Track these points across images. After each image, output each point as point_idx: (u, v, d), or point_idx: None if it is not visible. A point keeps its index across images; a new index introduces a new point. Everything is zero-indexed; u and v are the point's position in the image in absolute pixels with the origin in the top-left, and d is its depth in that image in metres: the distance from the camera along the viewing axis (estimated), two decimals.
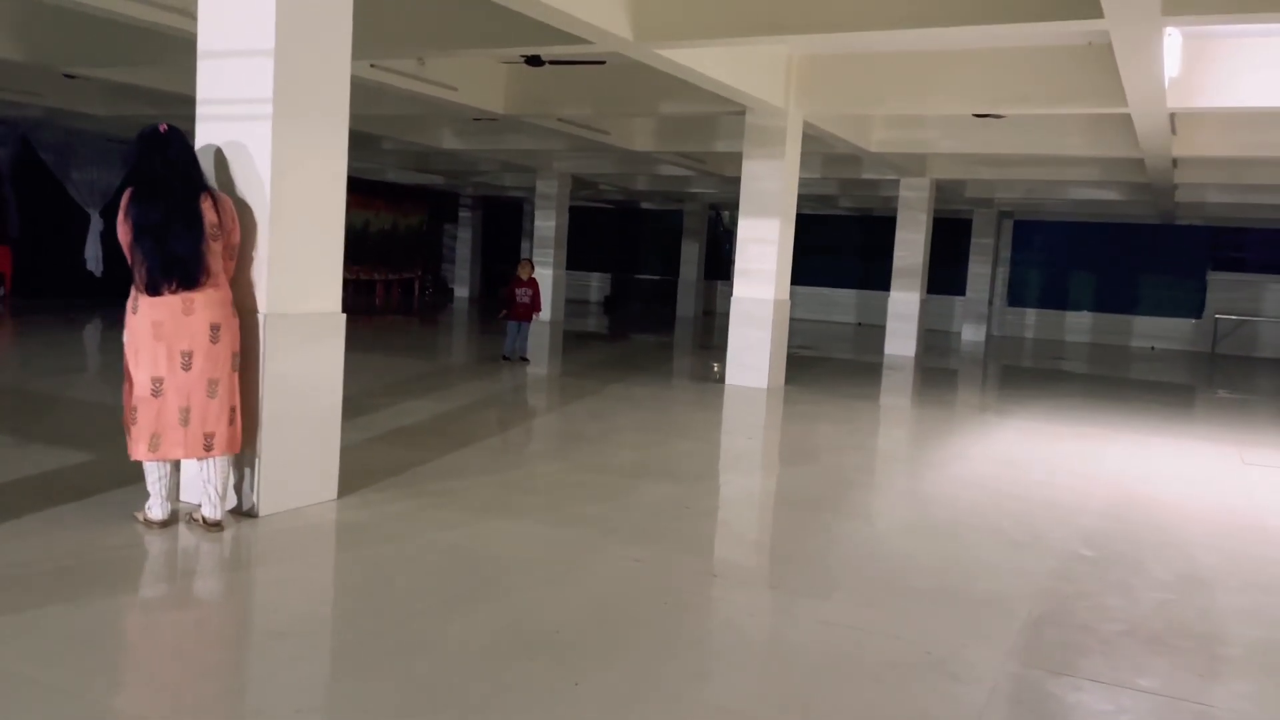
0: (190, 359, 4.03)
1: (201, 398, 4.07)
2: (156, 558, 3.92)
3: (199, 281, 4.02)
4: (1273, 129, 9.75)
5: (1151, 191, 14.53)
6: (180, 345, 4.02)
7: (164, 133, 4.08)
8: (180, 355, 4.02)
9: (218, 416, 4.11)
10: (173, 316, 4.01)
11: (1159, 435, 8.50)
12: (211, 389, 4.09)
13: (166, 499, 4.15)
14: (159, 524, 4.13)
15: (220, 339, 4.09)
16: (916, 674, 3.12)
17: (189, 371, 4.03)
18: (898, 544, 4.80)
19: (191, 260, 3.99)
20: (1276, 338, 19.34)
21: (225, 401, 4.13)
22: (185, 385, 4.04)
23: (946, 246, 19.50)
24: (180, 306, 4.01)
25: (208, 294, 4.05)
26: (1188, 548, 4.86)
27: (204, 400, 4.07)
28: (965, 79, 8.74)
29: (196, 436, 4.07)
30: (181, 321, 4.01)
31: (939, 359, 15.32)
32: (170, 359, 4.02)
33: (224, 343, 4.11)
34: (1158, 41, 5.98)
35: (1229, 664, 3.35)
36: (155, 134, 4.08)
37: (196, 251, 4.00)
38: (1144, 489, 6.23)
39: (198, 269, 4.01)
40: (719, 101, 9.28)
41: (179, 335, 4.01)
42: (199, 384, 4.06)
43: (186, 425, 4.05)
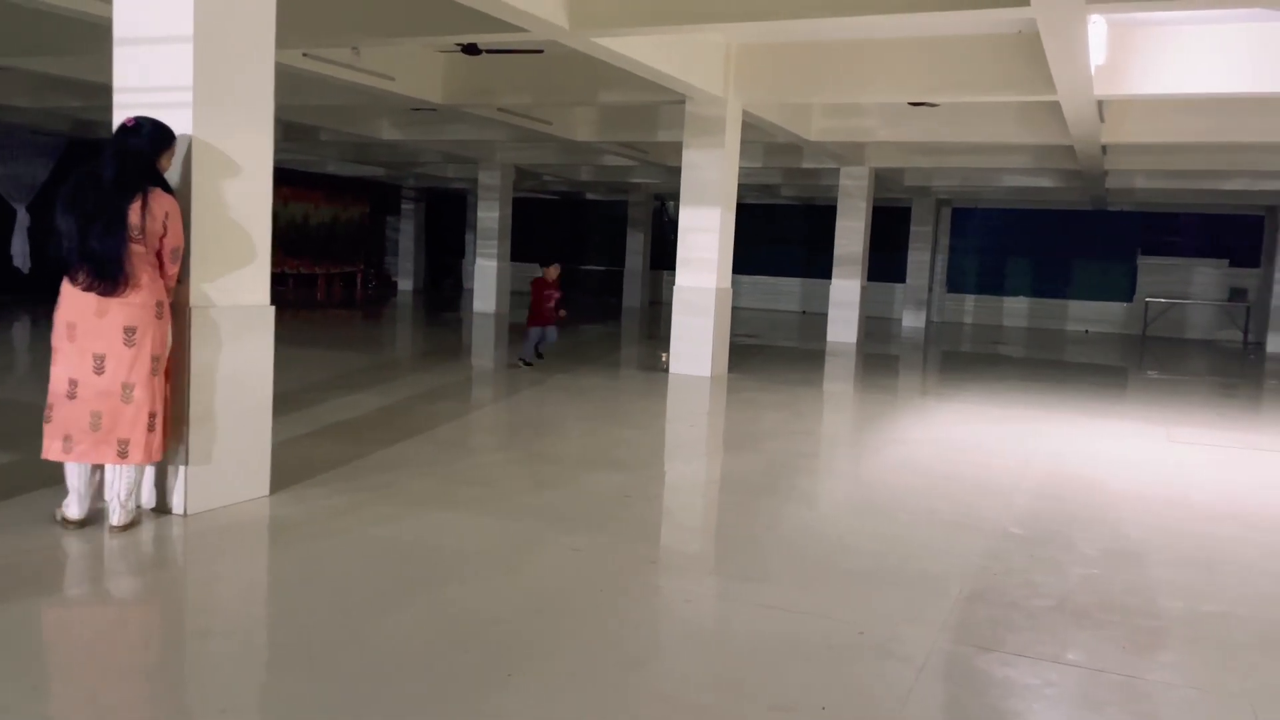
0: (103, 362, 3.90)
1: (115, 403, 3.92)
2: (78, 559, 3.81)
3: (116, 283, 3.87)
4: (1197, 115, 10.02)
5: (1083, 178, 14.87)
6: (93, 348, 3.90)
7: (129, 126, 3.97)
8: (93, 358, 3.90)
9: (133, 423, 3.95)
10: (85, 319, 3.89)
11: (1091, 416, 8.71)
12: (126, 394, 3.94)
13: (86, 497, 4.03)
14: (75, 523, 4.01)
15: (136, 342, 3.92)
16: (851, 654, 3.16)
17: (101, 375, 3.90)
18: (837, 526, 4.86)
19: (109, 261, 3.85)
20: (1204, 320, 19.93)
21: (143, 407, 3.96)
22: (98, 389, 3.91)
23: (887, 234, 19.74)
24: (94, 308, 3.89)
25: (125, 298, 3.89)
26: (1116, 524, 4.98)
27: (117, 405, 3.92)
28: (900, 68, 8.84)
29: (109, 442, 3.93)
30: (94, 324, 3.89)
31: (880, 345, 15.53)
32: (82, 361, 3.90)
33: (141, 346, 3.93)
34: (1083, 29, 6.11)
35: (1154, 636, 3.45)
36: (122, 126, 3.99)
37: (116, 254, 3.85)
38: (1075, 468, 6.37)
39: (115, 271, 3.86)
40: (659, 91, 9.28)
41: (91, 337, 3.89)
42: (112, 388, 3.92)
43: (98, 430, 3.92)
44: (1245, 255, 19.62)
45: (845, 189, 15.36)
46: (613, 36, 7.06)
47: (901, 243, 20.75)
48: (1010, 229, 21.60)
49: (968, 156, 13.88)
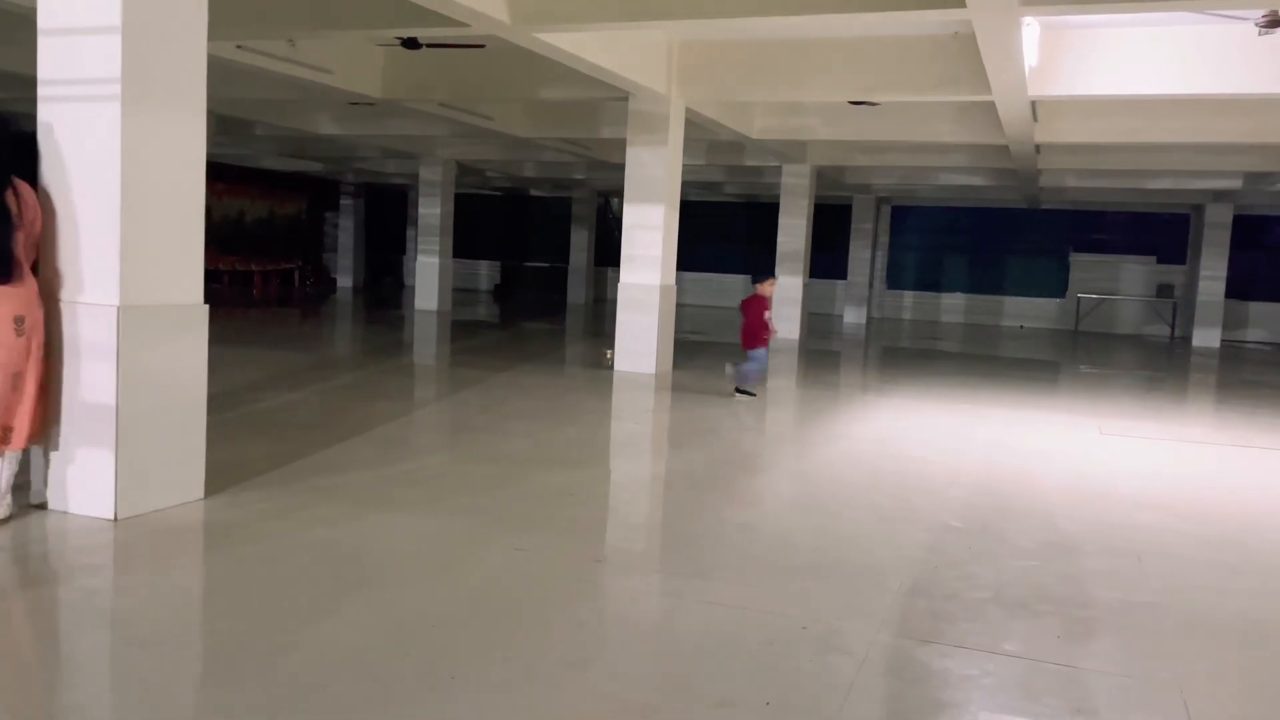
0: None
1: (4, 391, 3.95)
2: None
3: (8, 274, 3.90)
4: (1126, 116, 10.30)
5: (1017, 177, 15.19)
6: None
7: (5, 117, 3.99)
8: None
9: (20, 410, 4.01)
10: None
11: (1026, 409, 8.90)
12: (15, 382, 3.97)
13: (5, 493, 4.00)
14: None
15: (25, 331, 3.97)
16: (793, 649, 3.18)
17: None
18: (780, 522, 4.89)
19: None
20: (1133, 315, 20.53)
21: (30, 394, 4.03)
22: None
23: (828, 231, 19.97)
24: None
25: (14, 287, 3.93)
26: (1050, 516, 5.10)
27: (6, 393, 3.96)
28: (840, 67, 8.94)
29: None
30: None
31: (822, 341, 15.70)
32: None
33: (30, 335, 3.99)
34: (1017, 31, 6.23)
35: (1088, 625, 3.53)
36: None
37: (4, 243, 3.88)
38: (1011, 461, 6.51)
39: (6, 262, 3.89)
40: (602, 87, 9.25)
41: None
42: (2, 377, 3.93)
43: None
44: (1172, 252, 20.24)
45: (787, 186, 15.50)
46: (555, 32, 7.02)
47: (843, 240, 21.01)
48: (948, 226, 22.00)
49: (906, 155, 14.10)
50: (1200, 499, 5.67)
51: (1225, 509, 5.44)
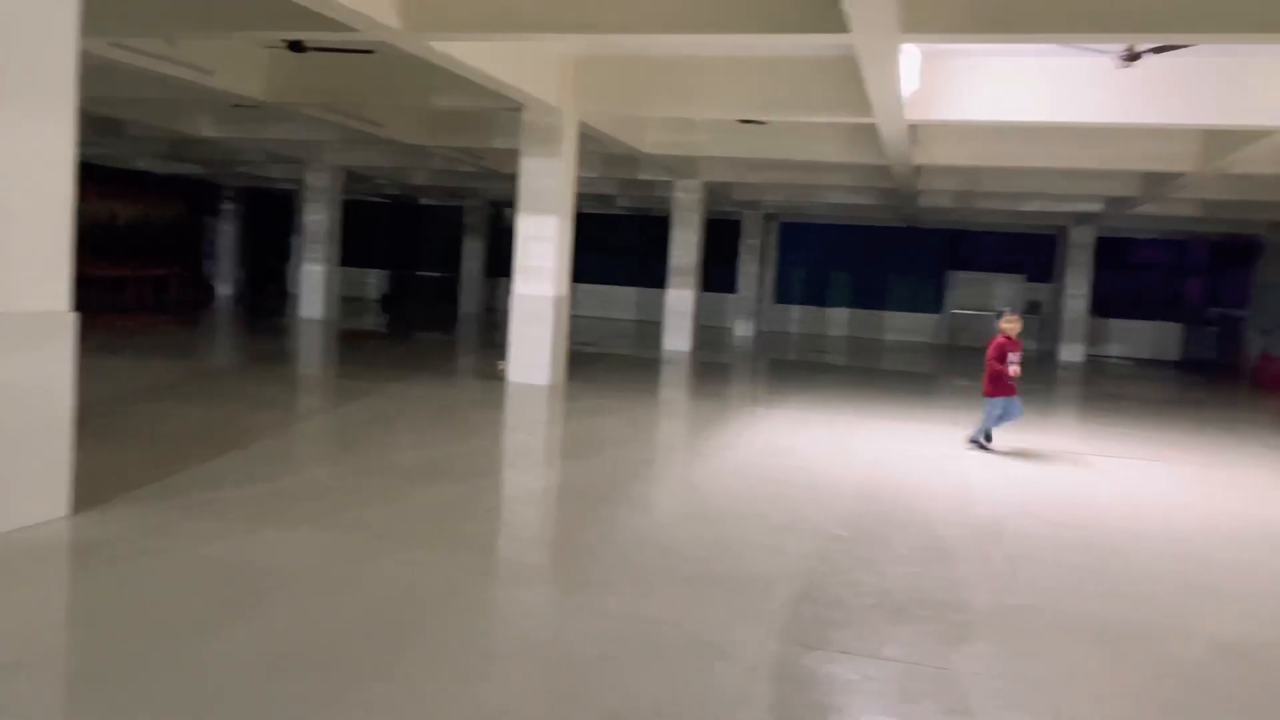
0: None
1: None
2: None
3: None
4: (1000, 141, 10.81)
5: (898, 196, 15.77)
6: None
7: None
8: None
9: None
10: None
11: (906, 421, 9.23)
12: None
13: None
14: None
15: None
16: (684, 658, 3.23)
17: None
18: (672, 532, 4.95)
19: None
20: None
21: None
22: None
23: (719, 246, 20.30)
24: None
25: None
26: (929, 524, 5.30)
27: None
28: (730, 86, 9.12)
29: None
30: None
31: (713, 354, 15.94)
32: None
33: None
34: (896, 57, 6.49)
35: (965, 629, 3.69)
36: None
37: None
38: (893, 471, 6.74)
39: None
40: (495, 97, 9.20)
41: None
42: None
43: None
44: (1040, 270, 21.32)
45: (679, 201, 15.71)
46: (447, 41, 6.95)
47: (733, 254, 21.40)
48: (833, 243, 22.68)
49: (794, 173, 14.46)
50: (1065, 505, 5.98)
51: (1091, 515, 5.76)
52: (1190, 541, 5.26)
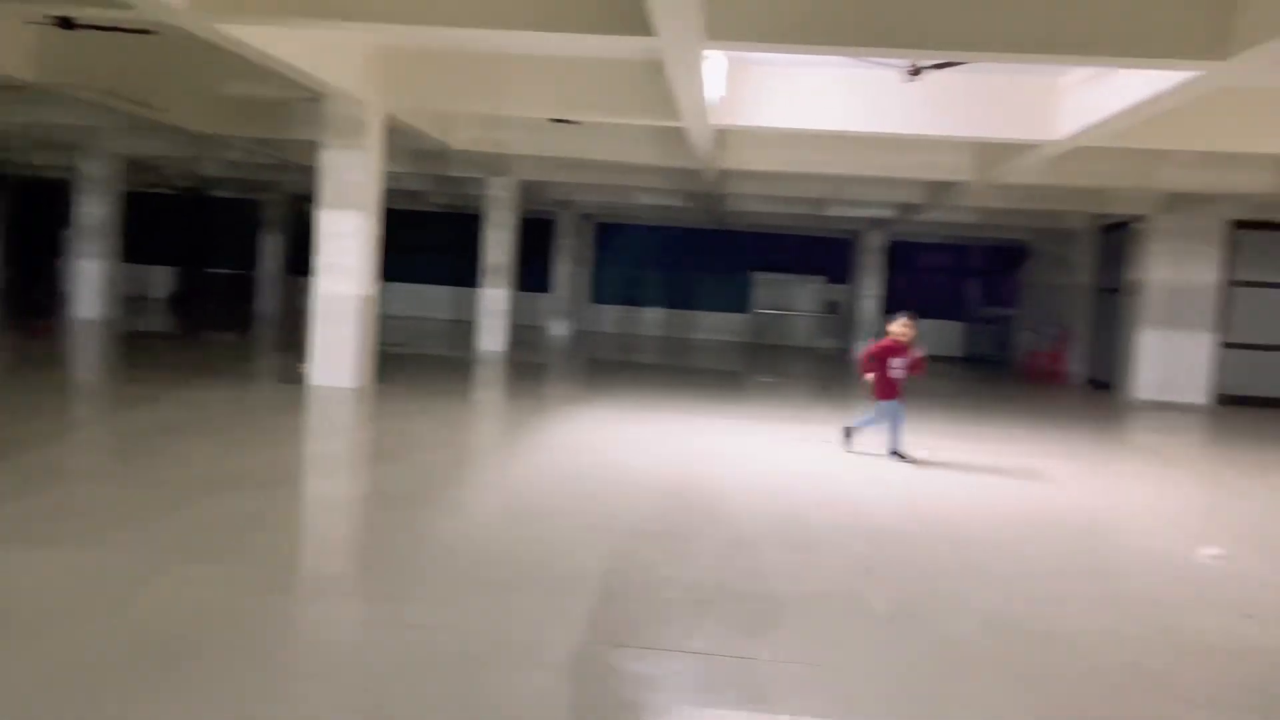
0: None
1: None
2: None
3: None
4: (800, 148, 11.29)
5: (707, 199, 16.22)
6: None
7: None
8: None
9: None
10: None
11: (714, 417, 9.49)
12: None
13: None
14: None
15: None
16: (490, 663, 3.16)
17: None
18: (483, 536, 4.85)
19: None
20: (806, 329, 22.60)
21: None
22: None
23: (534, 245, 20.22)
24: None
25: None
26: (734, 517, 5.45)
27: None
28: (540, 85, 9.08)
29: None
30: None
31: (528, 354, 15.85)
32: None
33: None
34: (701, 63, 6.64)
35: (769, 618, 3.80)
36: None
37: None
38: (701, 466, 6.89)
39: None
40: (294, 86, 8.76)
41: None
42: None
43: None
44: (838, 273, 22.51)
45: (492, 199, 15.51)
46: (238, 25, 6.54)
47: (549, 254, 21.37)
48: (648, 244, 23.09)
49: (606, 174, 14.58)
50: (860, 493, 6.30)
51: (883, 503, 6.09)
52: (970, 525, 5.65)
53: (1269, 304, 13.63)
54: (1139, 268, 14.09)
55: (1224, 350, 13.75)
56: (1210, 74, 6.01)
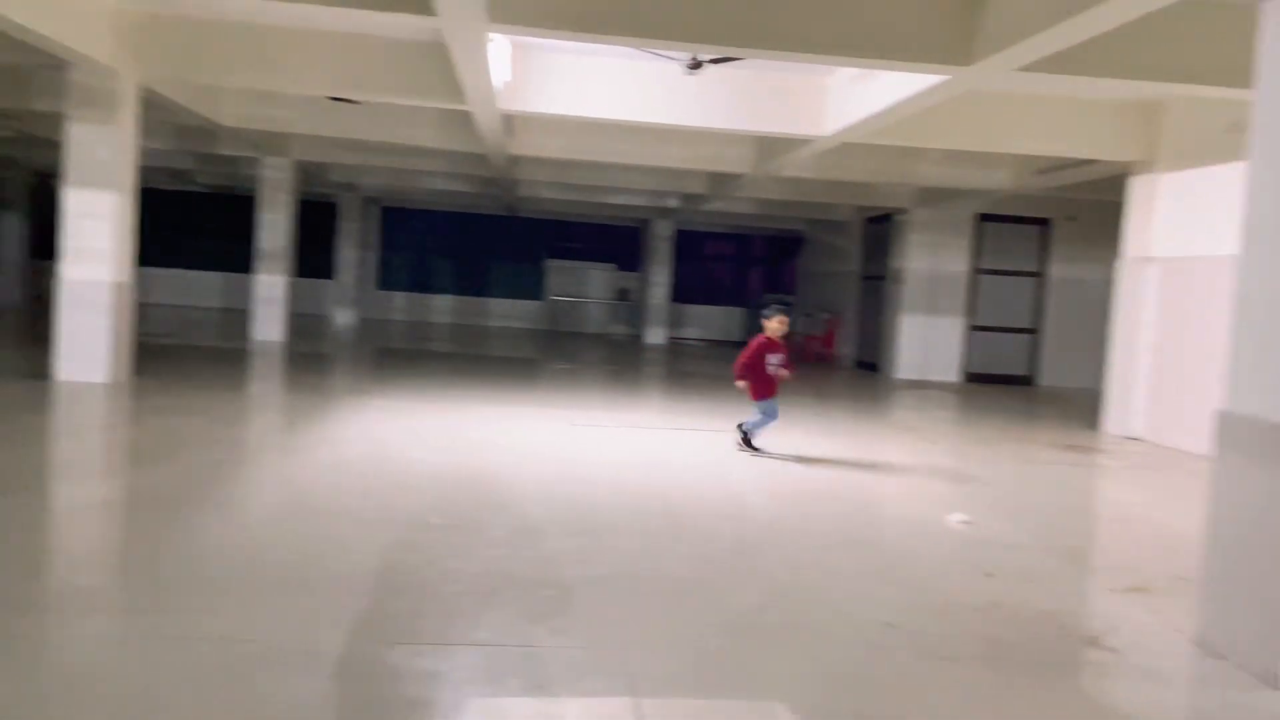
0: None
1: None
2: None
3: None
4: (588, 136, 11.37)
5: (497, 185, 16.05)
6: None
7: None
8: None
9: None
10: None
11: (506, 406, 9.42)
12: None
13: None
14: None
15: None
16: (259, 673, 3.00)
17: None
18: (256, 537, 4.59)
19: None
20: (599, 316, 22.87)
21: None
22: None
23: (315, 229, 19.33)
24: None
25: None
26: (523, 505, 5.44)
27: None
28: (317, 61, 8.66)
29: None
30: None
31: (310, 344, 15.15)
32: None
33: None
34: (484, 45, 6.55)
35: (551, 605, 3.81)
36: None
37: None
38: (491, 456, 6.83)
39: None
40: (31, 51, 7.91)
41: None
42: None
43: None
44: (629, 261, 22.92)
45: (267, 180, 14.68)
46: None
47: (331, 238, 20.48)
48: (437, 229, 22.59)
49: (391, 157, 14.13)
50: (649, 478, 6.45)
51: (669, 484, 6.25)
52: (742, 502, 5.91)
53: (1007, 290, 15.06)
54: (900, 257, 15.20)
55: (971, 333, 15.08)
56: (956, 78, 6.54)
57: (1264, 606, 3.43)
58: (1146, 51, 6.59)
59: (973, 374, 14.98)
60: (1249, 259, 3.68)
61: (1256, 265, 3.65)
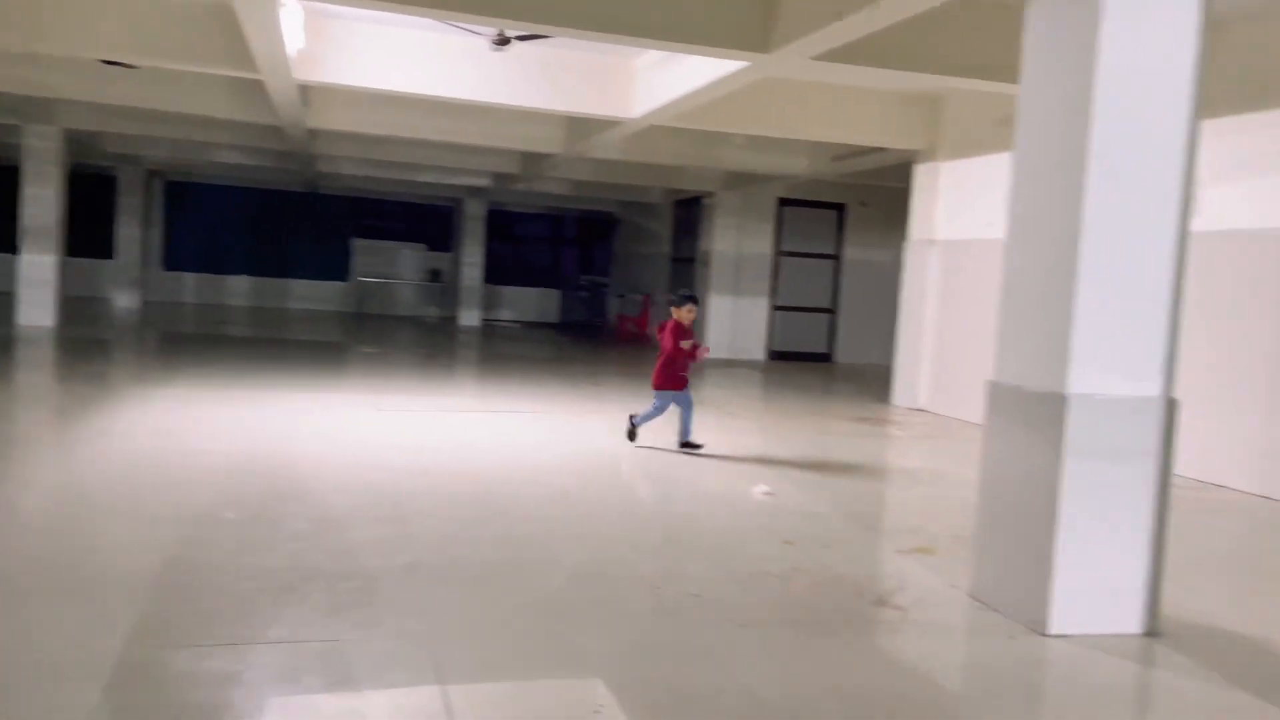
0: None
1: None
2: None
3: None
4: (391, 110, 10.96)
5: (296, 160, 15.27)
6: None
7: None
8: None
9: None
10: None
11: (310, 392, 9.02)
12: None
13: None
14: None
15: None
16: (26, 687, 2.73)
17: None
18: (19, 539, 4.18)
19: None
20: (410, 298, 22.25)
21: None
22: None
23: (91, 205, 17.77)
24: None
25: None
26: (325, 495, 5.22)
27: None
28: (86, 20, 7.91)
29: None
30: None
31: (86, 328, 13.95)
32: None
33: None
34: (274, 9, 6.18)
35: (354, 596, 3.67)
36: None
37: None
38: (292, 445, 6.52)
39: None
40: None
41: None
42: None
43: None
44: (440, 241, 22.39)
45: (31, 150, 13.33)
46: None
47: (110, 215, 18.88)
48: (230, 206, 21.23)
49: (176, 127, 13.15)
50: (459, 461, 6.34)
51: (478, 467, 6.17)
52: (554, 481, 5.91)
53: (805, 272, 15.79)
54: (708, 239, 15.61)
55: (775, 313, 15.72)
56: (755, 65, 6.75)
57: (1029, 560, 3.75)
58: (928, 46, 7.03)
59: (777, 352, 15.62)
60: (1013, 243, 4.00)
61: (1019, 249, 3.97)
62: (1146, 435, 3.70)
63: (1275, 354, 6.40)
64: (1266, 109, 6.51)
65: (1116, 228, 3.63)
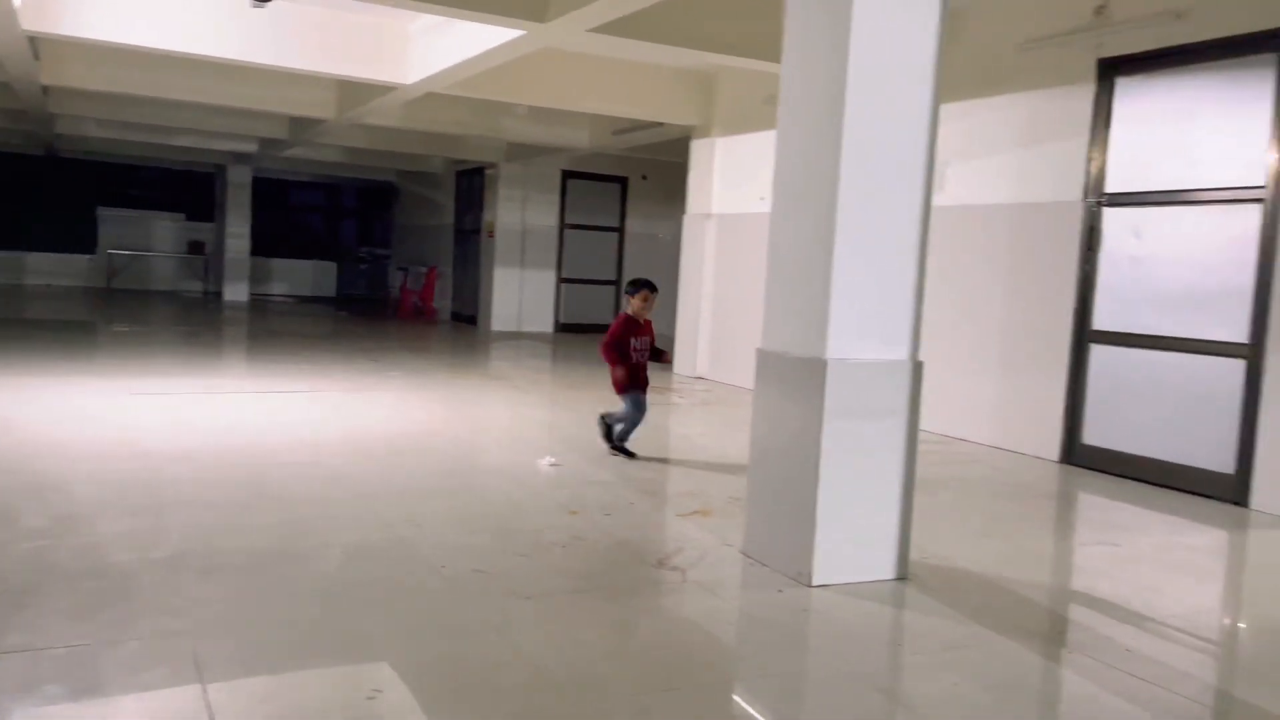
0: None
1: None
2: None
3: None
4: (139, 68, 10.05)
5: (30, 120, 13.76)
6: None
7: None
8: None
9: None
10: None
11: (53, 377, 8.20)
12: None
13: None
14: None
15: None
16: None
17: None
18: None
19: None
20: (167, 271, 20.62)
21: None
22: None
23: None
24: None
25: None
26: (71, 487, 4.77)
27: None
28: None
29: None
30: None
31: None
32: None
33: None
34: None
35: (103, 595, 3.38)
36: None
37: None
38: (32, 435, 5.91)
39: None
40: None
41: None
42: None
43: None
44: (201, 210, 20.84)
45: None
46: None
47: None
48: None
49: None
50: (225, 445, 5.96)
51: (247, 451, 5.83)
52: (331, 462, 5.70)
53: (589, 244, 15.95)
54: (492, 211, 15.43)
55: (561, 285, 15.80)
56: (532, 34, 6.69)
57: (794, 516, 3.98)
58: (700, 23, 7.22)
59: (564, 324, 15.71)
60: (777, 218, 4.20)
61: (781, 222, 4.17)
62: (897, 396, 4.01)
63: (1006, 319, 7.10)
64: (996, 94, 7.16)
65: (868, 203, 3.88)
